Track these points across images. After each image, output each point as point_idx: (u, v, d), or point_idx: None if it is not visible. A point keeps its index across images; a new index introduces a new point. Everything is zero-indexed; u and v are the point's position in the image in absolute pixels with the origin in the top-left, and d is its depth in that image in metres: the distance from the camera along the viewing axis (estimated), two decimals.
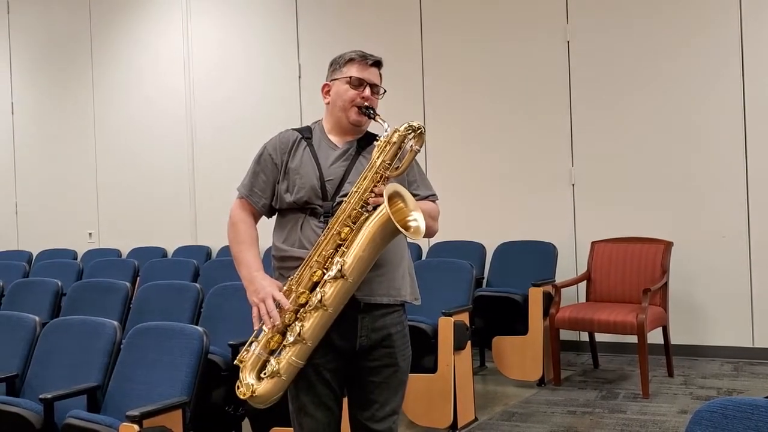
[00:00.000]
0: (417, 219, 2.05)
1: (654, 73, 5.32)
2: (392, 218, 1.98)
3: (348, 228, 2.06)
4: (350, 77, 2.25)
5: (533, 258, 5.29)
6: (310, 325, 2.02)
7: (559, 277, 5.13)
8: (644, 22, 5.35)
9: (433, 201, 2.33)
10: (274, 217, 2.33)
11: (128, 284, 4.47)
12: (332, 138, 2.29)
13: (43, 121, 7.97)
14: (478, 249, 5.57)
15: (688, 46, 5.23)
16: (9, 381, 3.16)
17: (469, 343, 3.94)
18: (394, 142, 2.12)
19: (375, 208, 2.06)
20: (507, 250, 5.48)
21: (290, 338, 2.02)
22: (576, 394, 4.45)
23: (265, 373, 2.04)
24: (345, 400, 2.29)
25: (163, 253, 6.94)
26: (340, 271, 2.00)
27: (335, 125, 2.29)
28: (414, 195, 2.22)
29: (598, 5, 5.49)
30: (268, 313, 2.05)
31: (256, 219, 2.32)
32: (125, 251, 7.17)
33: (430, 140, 2.11)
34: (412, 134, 2.13)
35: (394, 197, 2.05)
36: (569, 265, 5.46)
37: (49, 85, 7.94)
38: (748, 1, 5.05)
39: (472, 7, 5.91)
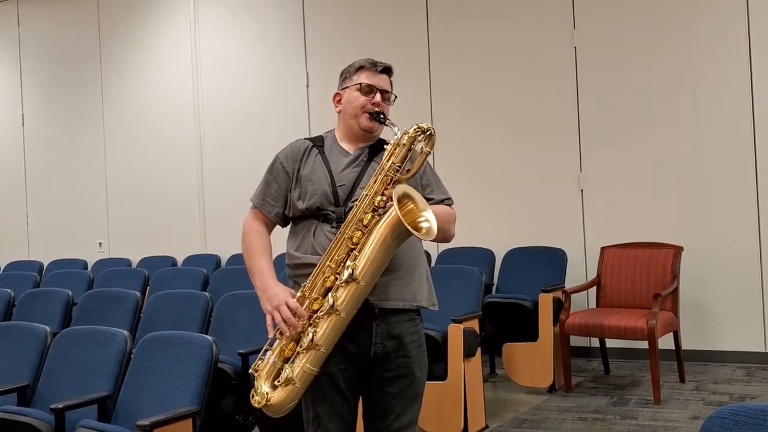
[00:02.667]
0: (429, 219, 2.03)
1: (661, 77, 5.31)
2: (402, 219, 1.97)
3: (359, 232, 2.05)
4: (360, 84, 2.26)
5: (542, 264, 5.27)
6: (323, 330, 2.00)
7: (569, 283, 5.11)
8: (652, 27, 5.34)
9: (449, 205, 2.31)
10: (288, 227, 2.33)
11: (138, 293, 4.48)
12: (344, 145, 2.29)
13: (52, 132, 8.02)
14: (488, 255, 5.56)
15: (696, 50, 5.22)
16: (20, 391, 3.17)
17: (479, 349, 3.93)
18: (404, 144, 2.12)
19: (386, 211, 2.04)
20: (516, 256, 5.47)
21: (304, 345, 2.00)
22: (587, 401, 4.43)
23: (279, 381, 2.01)
24: (359, 410, 2.26)
25: (172, 262, 6.96)
26: (351, 274, 1.99)
27: (347, 132, 2.29)
28: (429, 199, 2.22)
29: (605, 11, 5.49)
30: (284, 320, 2.03)
31: (270, 229, 2.31)
32: (135, 260, 7.20)
33: (438, 146, 2.11)
34: (422, 136, 2.12)
35: (404, 198, 2.03)
36: (579, 271, 5.44)
37: (59, 96, 7.99)
38: (756, 6, 5.03)
39: (479, 15, 5.91)
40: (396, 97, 2.33)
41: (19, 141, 8.21)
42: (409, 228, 1.97)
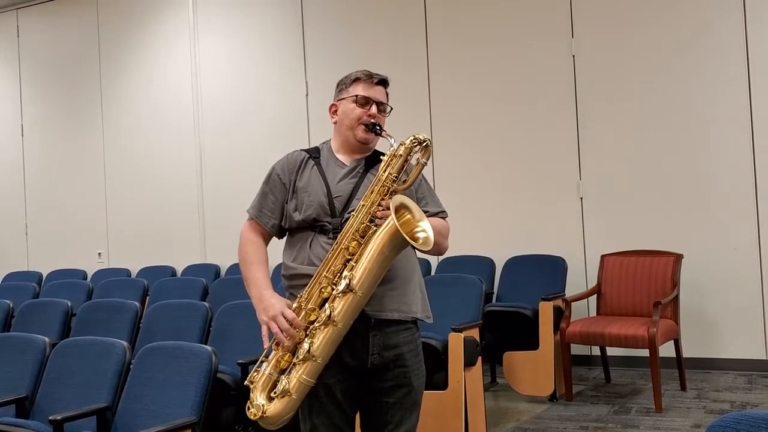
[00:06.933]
0: (425, 229, 2.03)
1: (660, 85, 5.32)
2: (400, 229, 1.96)
3: (356, 242, 2.05)
4: (356, 96, 2.26)
5: (543, 272, 5.26)
6: (319, 341, 1.99)
7: (569, 291, 5.10)
8: (649, 35, 5.35)
9: (443, 218, 2.31)
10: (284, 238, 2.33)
11: (138, 304, 4.47)
12: (340, 157, 2.29)
13: (52, 143, 8.03)
14: (488, 264, 5.55)
15: (694, 58, 5.23)
16: (19, 402, 3.15)
17: (479, 358, 3.91)
18: (400, 155, 2.11)
19: (383, 221, 2.04)
20: (516, 264, 5.46)
21: (300, 356, 1.99)
22: (588, 409, 4.41)
23: (275, 393, 2.00)
24: (356, 421, 2.26)
25: (172, 272, 6.95)
26: (348, 285, 1.98)
27: (343, 144, 2.30)
28: (424, 212, 2.22)
29: (603, 19, 5.50)
30: (281, 330, 2.03)
31: (266, 240, 2.32)
32: (135, 271, 7.19)
33: (437, 156, 2.11)
34: (418, 147, 2.12)
35: (401, 209, 2.03)
36: (579, 279, 5.44)
37: (59, 107, 8.00)
38: (753, 13, 5.04)
39: (477, 23, 5.93)
40: (392, 108, 2.33)
41: (18, 151, 8.21)
42: (407, 238, 1.97)
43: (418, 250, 2.09)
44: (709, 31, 5.19)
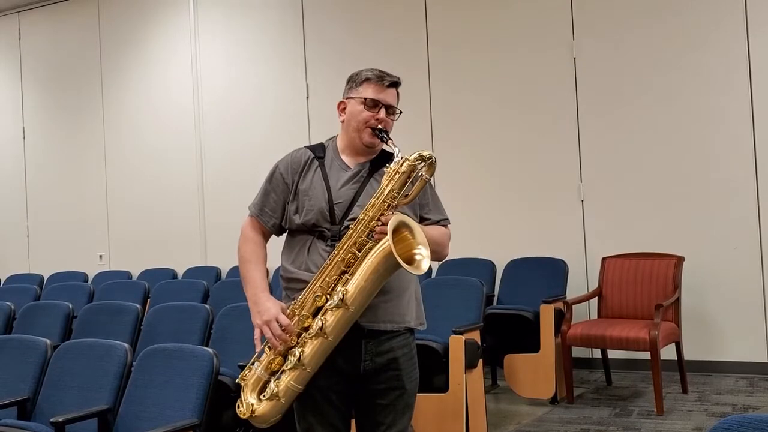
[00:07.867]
0: (422, 254, 2.02)
1: (661, 87, 5.32)
2: (394, 252, 1.95)
3: (353, 255, 2.05)
4: (365, 99, 2.21)
5: (544, 274, 5.26)
6: (310, 351, 2.02)
7: (570, 294, 5.10)
8: (650, 37, 5.35)
9: (444, 226, 2.29)
10: (284, 236, 2.32)
11: (139, 306, 4.47)
12: (345, 158, 2.26)
13: (53, 145, 8.04)
14: (488, 266, 5.55)
15: (695, 59, 5.23)
16: (20, 404, 3.15)
17: (480, 361, 3.91)
18: (404, 172, 2.08)
19: (380, 239, 2.03)
20: (517, 266, 5.46)
21: (290, 363, 2.03)
22: (589, 412, 4.41)
23: (264, 396, 2.05)
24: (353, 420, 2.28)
25: (173, 274, 6.95)
26: (342, 300, 1.99)
27: (349, 145, 2.26)
28: (425, 219, 2.21)
29: (604, 21, 5.50)
30: (274, 336, 2.05)
31: (266, 238, 2.32)
32: (136, 273, 7.19)
33: (438, 158, 2.09)
34: (422, 164, 2.09)
35: (401, 228, 2.02)
36: (580, 281, 5.43)
37: (60, 110, 8.01)
38: (754, 15, 5.05)
39: (479, 26, 5.93)
40: (401, 111, 2.29)
41: (20, 154, 8.22)
42: (401, 261, 1.95)
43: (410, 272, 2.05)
44: (710, 34, 5.19)
